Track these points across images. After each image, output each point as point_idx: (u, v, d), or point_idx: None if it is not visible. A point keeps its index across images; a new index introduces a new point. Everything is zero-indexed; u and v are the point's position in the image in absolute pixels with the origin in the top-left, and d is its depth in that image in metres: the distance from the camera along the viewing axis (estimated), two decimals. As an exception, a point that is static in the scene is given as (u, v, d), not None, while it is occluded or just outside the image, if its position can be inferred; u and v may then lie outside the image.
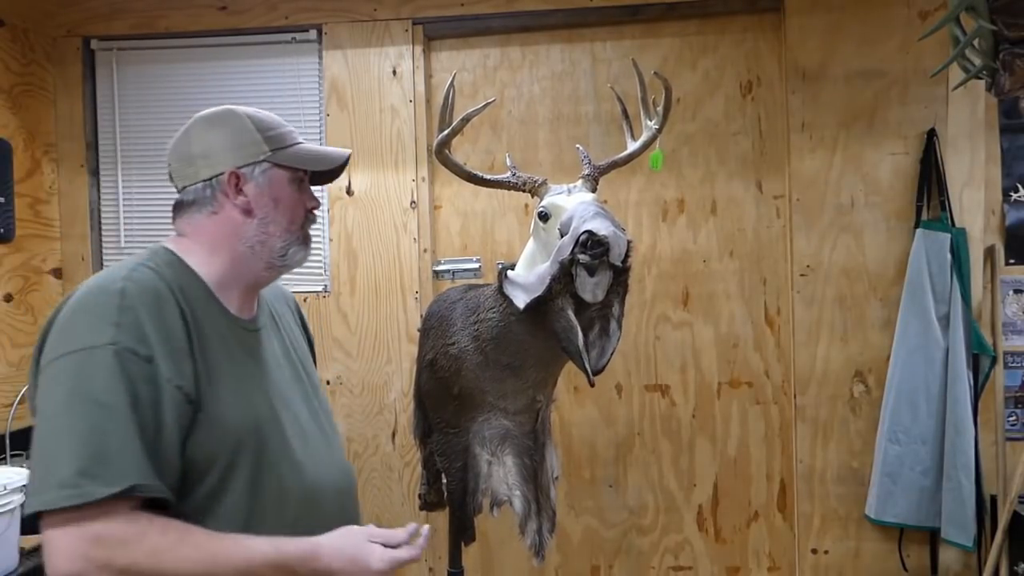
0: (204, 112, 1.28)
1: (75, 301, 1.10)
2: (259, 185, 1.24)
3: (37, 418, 1.03)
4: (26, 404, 2.65)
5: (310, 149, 1.31)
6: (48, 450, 0.99)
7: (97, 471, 0.97)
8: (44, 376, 1.04)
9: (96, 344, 1.03)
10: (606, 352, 1.66)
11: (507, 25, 2.78)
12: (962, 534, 2.42)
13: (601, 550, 2.79)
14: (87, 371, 1.02)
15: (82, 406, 1.00)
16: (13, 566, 1.76)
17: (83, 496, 0.95)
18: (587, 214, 1.57)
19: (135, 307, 1.08)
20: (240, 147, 1.24)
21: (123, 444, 1.00)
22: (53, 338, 1.07)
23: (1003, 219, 2.57)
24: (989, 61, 1.49)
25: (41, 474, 0.98)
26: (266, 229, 1.24)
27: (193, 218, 1.25)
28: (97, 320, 1.05)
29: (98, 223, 2.96)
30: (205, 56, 2.90)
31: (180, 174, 1.27)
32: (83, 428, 0.99)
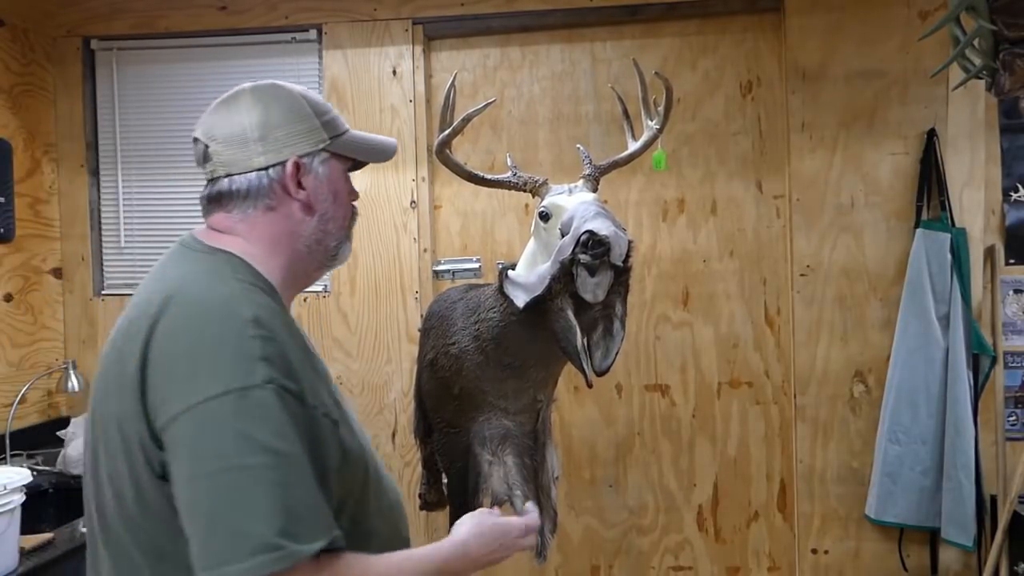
0: (251, 85, 1.11)
1: (194, 329, 0.94)
2: (318, 177, 1.09)
3: (193, 470, 0.88)
4: (26, 404, 2.66)
5: (363, 137, 1.18)
6: (227, 511, 0.86)
7: (296, 528, 0.86)
8: (188, 422, 0.89)
9: (251, 383, 0.89)
10: (610, 352, 1.66)
11: (507, 25, 2.78)
12: (962, 534, 2.42)
13: (601, 550, 2.79)
14: (251, 415, 0.89)
15: (260, 457, 0.87)
16: (13, 566, 1.75)
17: (292, 557, 0.85)
18: (588, 214, 1.57)
19: (274, 336, 0.95)
20: (300, 132, 1.08)
21: (310, 495, 0.90)
22: (181, 376, 0.91)
23: (1003, 219, 2.57)
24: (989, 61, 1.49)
25: (224, 540, 0.85)
26: (325, 227, 1.11)
27: (247, 214, 1.07)
28: (241, 354, 0.91)
29: (98, 223, 2.96)
30: (205, 56, 2.90)
31: (225, 158, 1.07)
32: (269, 482, 0.87)
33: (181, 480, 0.89)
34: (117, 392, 0.96)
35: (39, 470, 2.47)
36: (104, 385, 1.00)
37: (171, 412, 0.90)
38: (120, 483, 0.95)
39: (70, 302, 2.94)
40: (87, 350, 2.92)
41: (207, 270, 1.03)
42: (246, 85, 1.11)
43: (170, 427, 0.90)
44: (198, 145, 1.09)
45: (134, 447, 0.93)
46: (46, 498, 2.40)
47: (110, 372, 0.99)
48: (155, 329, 0.95)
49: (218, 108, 1.10)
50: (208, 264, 1.04)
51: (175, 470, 0.90)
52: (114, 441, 0.95)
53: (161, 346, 0.94)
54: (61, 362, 2.85)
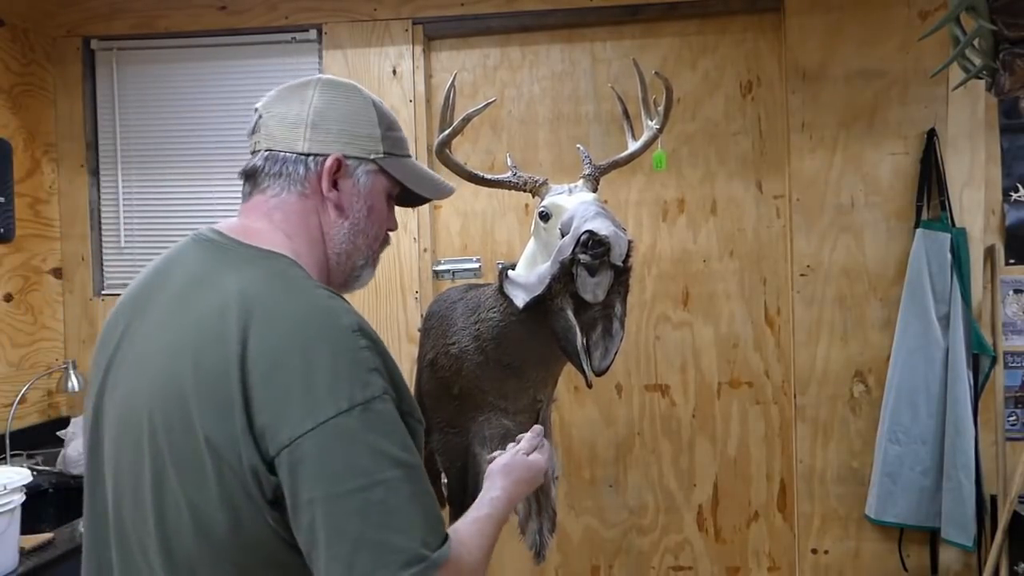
0: (326, 76, 1.09)
1: (299, 343, 0.88)
2: (357, 184, 1.06)
3: (329, 490, 0.84)
4: (26, 404, 2.66)
5: (420, 168, 1.17)
6: (373, 527, 0.84)
7: (431, 538, 0.87)
8: (316, 441, 0.84)
9: (372, 396, 0.87)
10: (610, 352, 1.66)
11: (507, 25, 2.78)
12: (962, 534, 2.42)
13: (601, 550, 2.80)
14: (378, 429, 0.87)
15: (393, 470, 0.86)
16: (13, 566, 1.75)
17: (434, 565, 0.85)
18: (588, 214, 1.57)
19: (375, 347, 0.92)
20: (355, 136, 1.05)
21: (433, 500, 0.91)
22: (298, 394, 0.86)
23: (1003, 219, 2.57)
24: (989, 61, 1.49)
25: (374, 556, 0.83)
26: (355, 240, 1.07)
27: (282, 198, 1.03)
28: (358, 366, 0.88)
29: (98, 223, 2.96)
30: (205, 56, 2.90)
31: (272, 134, 1.04)
32: (407, 495, 0.86)
33: (313, 502, 0.84)
34: (200, 413, 0.88)
35: (39, 470, 2.47)
36: (170, 403, 0.90)
37: (293, 434, 0.84)
38: (208, 512, 0.88)
39: (70, 302, 2.94)
40: (87, 350, 2.91)
41: (277, 275, 0.96)
42: (320, 76, 1.09)
43: (293, 450, 0.84)
44: (255, 115, 1.07)
45: (236, 473, 0.86)
46: (46, 498, 2.40)
47: (179, 389, 0.90)
48: (247, 344, 0.87)
49: (288, 88, 1.08)
50: (273, 269, 0.97)
51: (302, 494, 0.84)
52: (202, 466, 0.87)
53: (265, 363, 0.87)
54: (61, 362, 2.85)
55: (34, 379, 2.70)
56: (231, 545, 0.88)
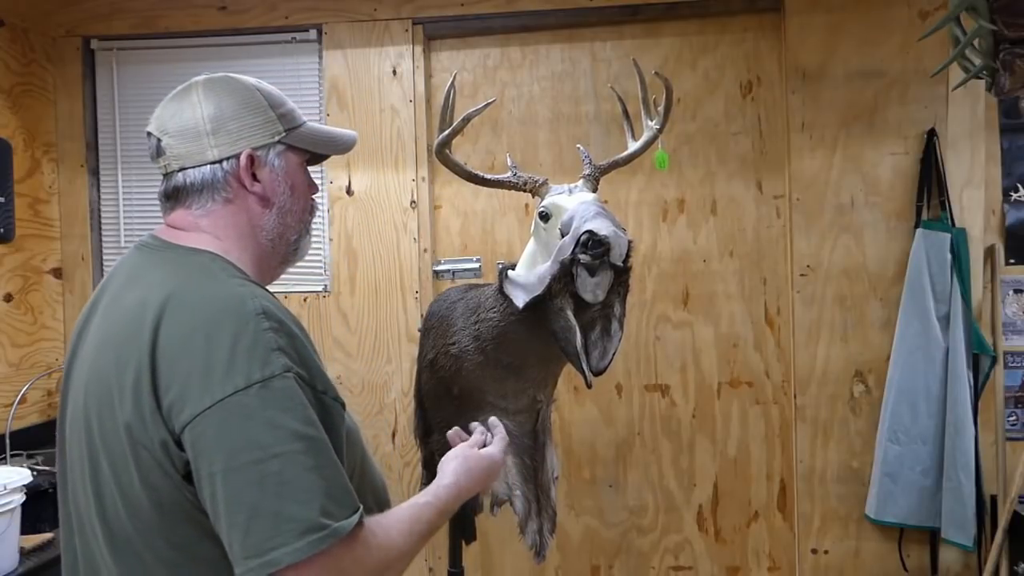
0: (203, 78, 1.12)
1: (203, 327, 0.93)
2: (274, 170, 1.10)
3: (227, 463, 0.88)
4: (26, 404, 2.66)
5: (322, 130, 1.19)
6: (269, 498, 0.87)
7: (333, 508, 0.89)
8: (214, 418, 0.89)
9: (273, 373, 0.91)
10: (608, 352, 1.66)
11: (507, 25, 2.78)
12: (962, 534, 2.42)
13: (601, 550, 2.79)
14: (277, 404, 0.90)
15: (292, 443, 0.89)
16: (13, 566, 1.75)
17: (335, 534, 0.88)
18: (588, 214, 1.57)
19: (283, 327, 0.96)
20: (254, 125, 1.08)
21: (338, 474, 0.93)
22: (198, 374, 0.90)
23: (1003, 219, 2.57)
24: (989, 61, 1.49)
25: (270, 526, 0.86)
26: (284, 220, 1.12)
27: (205, 208, 1.07)
28: (258, 346, 0.92)
29: (98, 223, 2.96)
30: (205, 56, 2.90)
31: (178, 152, 1.06)
32: (303, 466, 0.89)
33: (213, 475, 0.89)
34: (121, 401, 0.94)
35: (39, 470, 2.46)
36: (99, 397, 0.97)
37: (194, 411, 0.90)
38: (132, 493, 0.94)
39: (70, 302, 2.94)
40: (87, 350, 2.91)
41: (197, 270, 1.02)
42: (199, 77, 1.12)
43: (194, 426, 0.89)
44: (151, 139, 1.10)
45: (150, 453, 0.92)
46: (46, 498, 2.40)
47: (106, 383, 0.97)
48: (159, 332, 0.93)
49: (171, 101, 1.10)
50: (195, 264, 1.03)
51: (203, 468, 0.89)
52: (123, 450, 0.94)
53: (171, 348, 0.93)
54: (61, 362, 2.85)
55: (34, 379, 2.70)
56: (159, 522, 0.94)
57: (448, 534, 2.03)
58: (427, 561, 2.76)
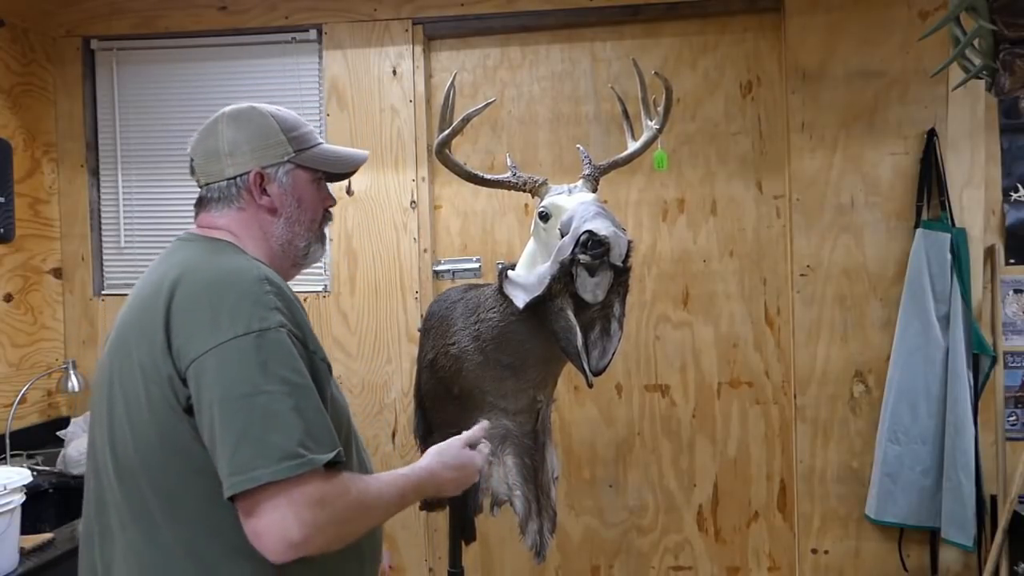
0: (229, 109, 1.31)
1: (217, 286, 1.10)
2: (282, 185, 1.28)
3: (223, 394, 1.03)
4: (26, 404, 2.66)
5: (331, 150, 1.36)
6: (256, 426, 1.02)
7: (310, 443, 1.03)
8: (215, 357, 1.04)
9: (269, 326, 1.07)
10: (607, 352, 1.66)
11: (507, 25, 2.78)
12: (962, 534, 2.42)
13: (601, 550, 2.80)
14: (269, 351, 1.05)
15: (279, 385, 1.04)
16: (13, 566, 1.75)
17: (310, 464, 1.01)
18: (588, 214, 1.57)
19: (282, 292, 1.13)
20: (265, 147, 1.27)
21: (320, 417, 1.07)
22: (205, 322, 1.07)
23: (1003, 219, 2.57)
24: (989, 61, 1.49)
25: (254, 449, 1.01)
26: (292, 228, 1.29)
27: (224, 212, 1.27)
28: (259, 304, 1.08)
29: (98, 223, 2.97)
30: (205, 56, 2.90)
31: (204, 171, 1.28)
32: (287, 405, 1.03)
33: (210, 405, 1.03)
34: (137, 345, 1.11)
35: (39, 470, 2.47)
36: (119, 347, 1.15)
37: (198, 351, 1.05)
38: (141, 423, 1.09)
39: (70, 302, 2.94)
40: (87, 350, 2.92)
41: (212, 250, 1.21)
42: (226, 109, 1.31)
43: (198, 363, 1.05)
44: (189, 161, 1.31)
45: (159, 387, 1.08)
46: (46, 498, 2.40)
47: (125, 335, 1.14)
48: (174, 294, 1.10)
49: (202, 131, 1.31)
50: (211, 246, 1.22)
51: (203, 398, 1.04)
52: (136, 386, 1.10)
53: (183, 301, 1.09)
54: (61, 362, 2.85)
55: (34, 379, 2.70)
56: (161, 452, 1.09)
57: (448, 534, 2.04)
58: (427, 561, 2.76)
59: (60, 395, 2.86)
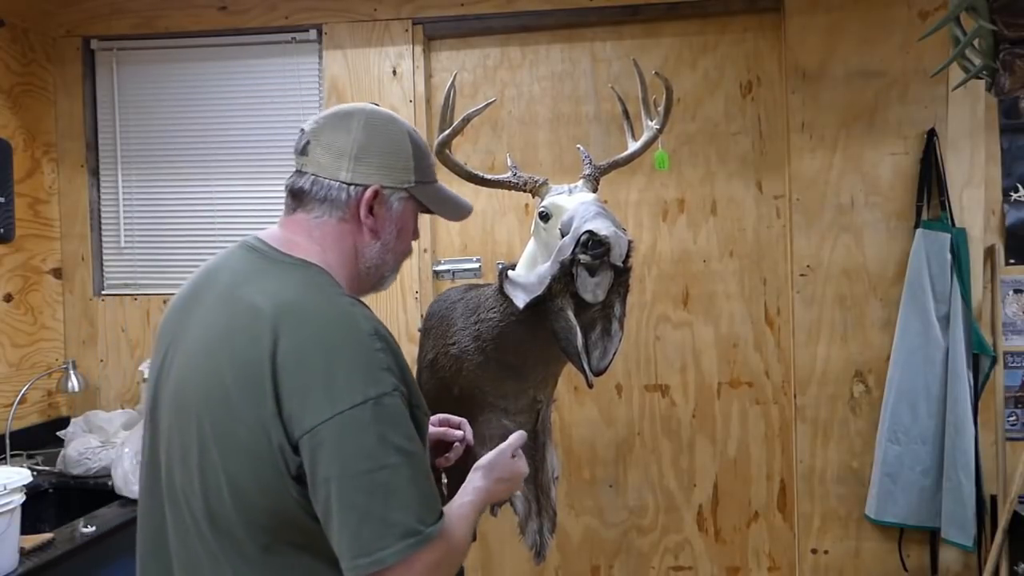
0: (370, 109, 1.22)
1: (324, 343, 1.03)
2: (391, 210, 1.21)
3: (341, 471, 0.99)
4: (26, 404, 2.66)
5: (446, 192, 1.32)
6: (377, 504, 0.99)
7: (426, 514, 1.02)
8: (334, 429, 0.99)
9: (383, 392, 1.02)
10: (608, 352, 1.66)
11: (507, 25, 2.78)
12: (962, 534, 2.42)
13: (601, 550, 2.80)
14: (387, 420, 1.02)
15: (398, 457, 1.01)
16: (13, 566, 1.75)
17: (428, 538, 1.01)
18: (588, 214, 1.57)
19: (390, 347, 1.08)
20: (392, 168, 1.19)
21: (430, 484, 1.06)
22: (320, 386, 1.01)
23: (1003, 219, 2.57)
24: (989, 61, 1.49)
25: (377, 529, 0.99)
26: (384, 256, 1.23)
27: (320, 219, 1.17)
28: (372, 366, 1.03)
29: (98, 223, 2.96)
30: (205, 56, 2.90)
31: (319, 161, 1.17)
32: (405, 477, 1.01)
33: (328, 480, 0.99)
34: (240, 401, 1.03)
35: (39, 470, 2.47)
36: (212, 393, 1.05)
37: (314, 421, 1.00)
38: (242, 482, 1.03)
39: (70, 302, 2.94)
40: (87, 350, 2.92)
41: (309, 283, 1.11)
42: (367, 106, 1.22)
43: (314, 435, 0.99)
44: (303, 136, 1.19)
45: (267, 451, 1.02)
46: (46, 498, 2.40)
47: (221, 381, 1.05)
48: (279, 343, 1.02)
49: (334, 115, 1.20)
50: (305, 277, 1.12)
51: (320, 472, 0.99)
52: (236, 445, 1.03)
53: (293, 360, 1.02)
54: (61, 362, 2.85)
55: (34, 379, 2.70)
56: (261, 511, 1.04)
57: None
58: (427, 561, 2.75)
59: (60, 395, 2.86)
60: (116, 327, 2.92)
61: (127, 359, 2.90)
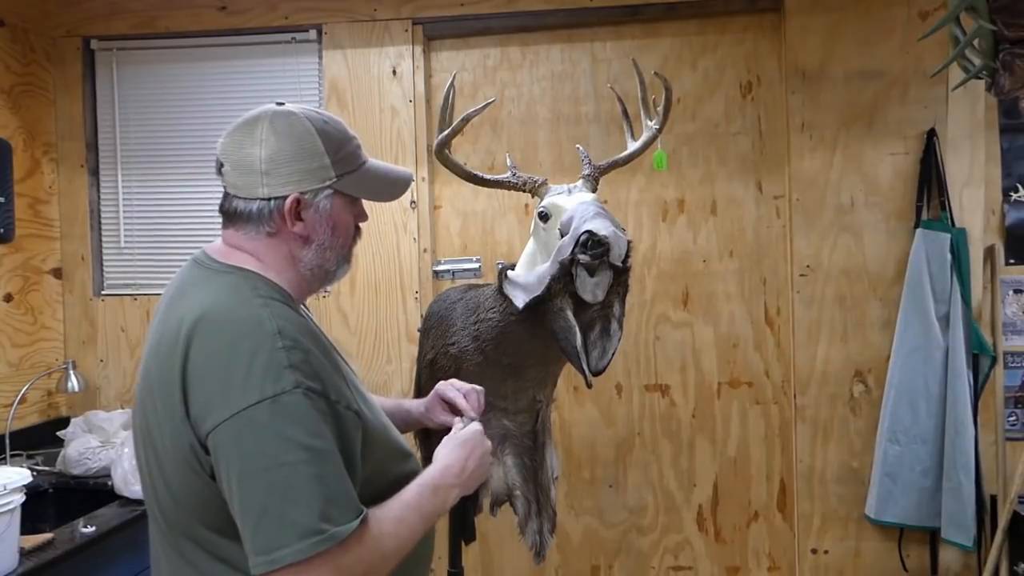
0: (271, 113, 1.16)
1: (225, 346, 1.04)
2: (319, 211, 1.17)
3: (240, 469, 0.99)
4: (26, 404, 2.66)
5: (375, 172, 1.25)
6: (275, 502, 0.98)
7: (333, 512, 1.00)
8: (231, 429, 1.00)
9: (282, 390, 1.01)
10: (607, 352, 1.66)
11: (507, 25, 2.78)
12: (962, 534, 2.42)
13: (601, 550, 2.79)
14: (285, 418, 1.01)
15: (298, 454, 1.00)
16: (13, 566, 1.75)
17: (332, 539, 0.98)
18: (587, 214, 1.57)
19: (297, 345, 1.06)
20: (307, 171, 1.15)
21: (341, 482, 1.03)
22: (219, 388, 1.02)
23: (1003, 219, 2.57)
24: (989, 61, 1.49)
25: (275, 528, 0.98)
26: (323, 255, 1.19)
27: (251, 236, 1.17)
28: (272, 364, 1.03)
29: (98, 223, 2.97)
30: (205, 56, 2.90)
31: (235, 181, 1.16)
32: (307, 476, 0.99)
33: (230, 479, 1.01)
34: (162, 406, 1.08)
35: (39, 470, 2.47)
36: (150, 398, 1.11)
37: (214, 422, 1.01)
38: (174, 483, 1.08)
39: (70, 302, 2.94)
40: (87, 350, 2.92)
41: (230, 289, 1.12)
42: (267, 110, 1.17)
43: (214, 435, 1.01)
44: (217, 159, 1.19)
45: (183, 452, 1.05)
46: (46, 498, 2.40)
47: (151, 388, 1.11)
48: (190, 349, 1.05)
49: (236, 131, 1.17)
50: (228, 283, 1.13)
51: (223, 471, 1.01)
52: (164, 448, 1.08)
53: (197, 364, 1.05)
54: (61, 362, 2.85)
55: (34, 379, 2.70)
56: (196, 509, 1.08)
57: (448, 534, 2.03)
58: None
59: (60, 395, 2.86)
60: (116, 327, 2.92)
61: (127, 359, 2.90)
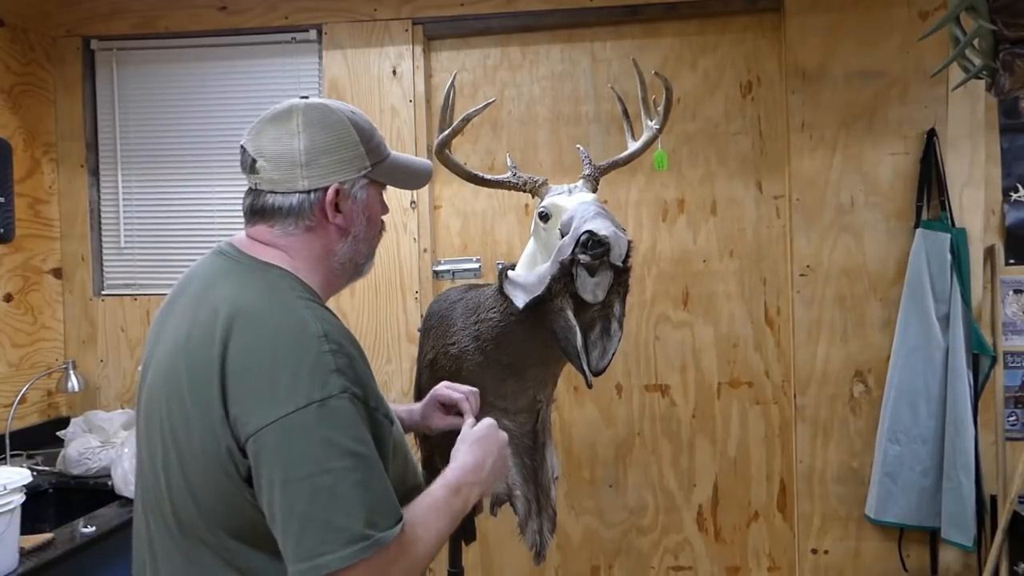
0: (304, 105, 1.17)
1: (268, 347, 1.02)
2: (356, 202, 1.17)
3: (285, 475, 0.97)
4: (26, 404, 2.66)
5: (402, 162, 1.27)
6: (321, 509, 0.97)
7: (377, 519, 0.99)
8: (276, 433, 0.98)
9: (329, 394, 1.00)
10: (607, 352, 1.65)
11: (507, 25, 2.78)
12: (962, 534, 2.42)
13: (601, 550, 2.79)
14: (332, 423, 0.99)
15: (344, 460, 0.98)
16: (13, 566, 1.75)
17: (377, 544, 0.98)
18: (588, 214, 1.57)
19: (341, 349, 1.04)
20: (345, 161, 1.15)
21: (384, 488, 1.02)
22: (263, 390, 1.00)
23: (1003, 219, 2.57)
24: (989, 61, 1.49)
25: (320, 534, 0.96)
26: (357, 247, 1.20)
27: (288, 232, 1.15)
28: (319, 368, 1.01)
29: (98, 223, 2.97)
30: (205, 56, 2.90)
31: (271, 177, 1.14)
32: (353, 482, 0.98)
33: (272, 485, 0.98)
34: (193, 405, 1.04)
35: (39, 470, 2.47)
36: (172, 396, 1.07)
37: (257, 425, 0.99)
38: (199, 485, 1.04)
39: (70, 302, 2.94)
40: (87, 350, 2.92)
41: (266, 286, 1.10)
42: (298, 103, 1.17)
43: (257, 439, 0.99)
44: (245, 155, 1.16)
45: (217, 455, 1.02)
46: (46, 498, 2.40)
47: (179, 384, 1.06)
48: (228, 346, 1.02)
49: (269, 124, 1.16)
50: (265, 280, 1.11)
51: (264, 476, 0.99)
52: (191, 449, 1.04)
53: (238, 362, 1.02)
54: (61, 362, 2.85)
55: (34, 379, 2.70)
56: (219, 513, 1.04)
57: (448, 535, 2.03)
58: (427, 561, 2.75)
59: (60, 395, 2.86)
60: (116, 327, 2.92)
61: (127, 359, 2.91)
